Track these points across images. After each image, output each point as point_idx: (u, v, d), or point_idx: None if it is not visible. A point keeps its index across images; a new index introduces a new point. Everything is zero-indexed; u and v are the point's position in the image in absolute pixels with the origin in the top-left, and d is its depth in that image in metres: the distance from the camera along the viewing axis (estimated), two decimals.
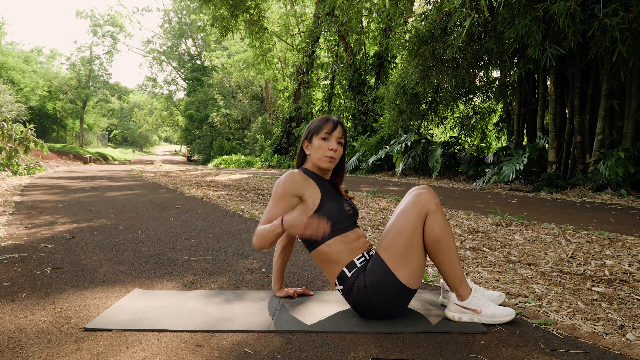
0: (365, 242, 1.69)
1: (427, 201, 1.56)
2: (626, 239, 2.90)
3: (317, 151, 1.69)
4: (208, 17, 16.32)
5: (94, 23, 34.86)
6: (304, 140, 1.73)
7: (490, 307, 1.56)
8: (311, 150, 1.71)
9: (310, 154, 1.71)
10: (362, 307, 1.57)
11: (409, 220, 1.54)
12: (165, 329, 1.48)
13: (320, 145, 1.68)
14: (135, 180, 8.23)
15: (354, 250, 1.63)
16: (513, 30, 5.60)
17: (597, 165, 5.94)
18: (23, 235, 3.05)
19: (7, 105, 20.32)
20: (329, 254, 1.61)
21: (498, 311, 1.55)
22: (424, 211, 1.55)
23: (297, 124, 15.76)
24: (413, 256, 1.54)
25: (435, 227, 1.54)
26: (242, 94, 29.88)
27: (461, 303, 1.57)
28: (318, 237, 1.51)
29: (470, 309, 1.56)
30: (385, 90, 10.22)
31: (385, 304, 1.54)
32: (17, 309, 1.66)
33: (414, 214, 1.54)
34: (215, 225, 3.53)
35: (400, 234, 1.54)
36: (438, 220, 1.54)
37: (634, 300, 1.79)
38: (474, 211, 4.32)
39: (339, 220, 1.62)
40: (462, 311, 1.56)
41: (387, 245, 1.55)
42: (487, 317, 1.54)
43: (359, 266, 1.60)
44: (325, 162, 1.69)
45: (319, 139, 1.68)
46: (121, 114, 46.43)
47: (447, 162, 9.09)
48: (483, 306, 1.56)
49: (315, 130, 1.70)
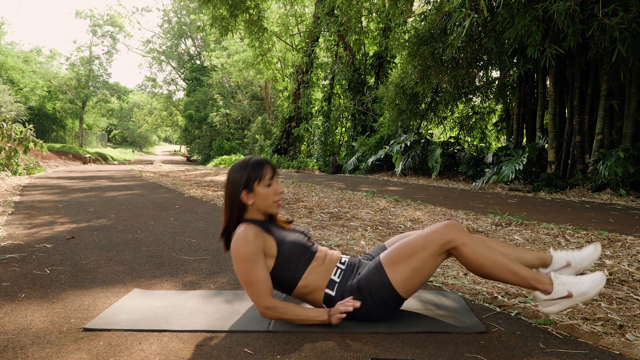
0: (332, 254, 1.68)
1: (452, 232, 1.50)
2: (626, 239, 2.90)
3: (265, 199, 1.62)
4: (207, 17, 16.30)
5: (94, 23, 34.80)
6: (243, 190, 1.59)
7: (578, 286, 1.47)
8: (255, 199, 1.61)
9: (254, 202, 1.62)
10: (362, 312, 1.56)
11: (426, 244, 1.51)
12: (165, 329, 1.48)
13: (267, 192, 1.61)
14: (135, 180, 8.23)
15: (329, 269, 1.62)
16: (512, 30, 5.60)
17: (596, 165, 5.94)
18: (22, 235, 3.05)
19: (7, 105, 20.29)
20: (308, 286, 1.59)
21: (587, 286, 1.46)
22: (445, 240, 1.50)
23: (297, 124, 15.76)
24: (415, 279, 1.53)
25: (470, 258, 1.50)
26: (241, 94, 29.86)
27: (548, 297, 1.50)
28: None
29: (559, 298, 1.48)
30: (385, 90, 10.22)
31: (381, 308, 1.55)
32: (16, 309, 1.66)
33: (434, 239, 1.50)
34: (215, 225, 3.53)
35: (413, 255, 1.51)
36: (470, 251, 1.49)
37: (633, 300, 1.79)
38: (473, 211, 4.32)
39: (302, 252, 1.61)
40: (553, 304, 1.50)
41: (396, 259, 1.53)
42: (580, 297, 1.46)
43: (339, 280, 1.59)
44: (275, 207, 1.65)
45: (263, 186, 1.61)
46: (121, 114, 46.38)
47: (446, 162, 9.09)
48: (571, 289, 1.47)
49: (255, 178, 1.59)
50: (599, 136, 6.20)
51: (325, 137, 14.55)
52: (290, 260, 1.58)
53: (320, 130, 14.63)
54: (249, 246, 1.51)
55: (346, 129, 14.96)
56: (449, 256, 1.55)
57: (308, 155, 16.15)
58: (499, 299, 1.81)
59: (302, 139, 16.12)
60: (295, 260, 1.59)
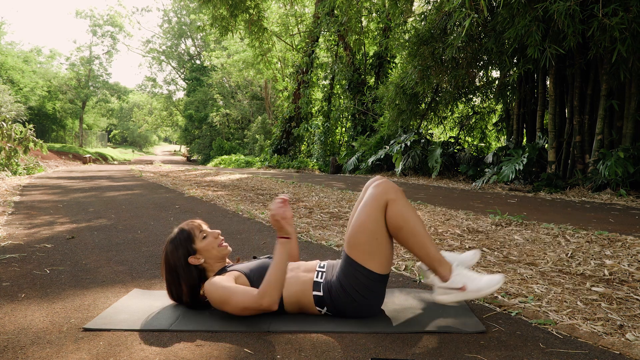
0: (309, 263, 1.69)
1: (384, 191, 1.55)
2: (626, 238, 2.90)
3: (211, 250, 1.67)
4: (207, 17, 16.31)
5: (94, 23, 34.81)
6: (190, 258, 1.64)
7: (474, 281, 1.53)
8: (203, 254, 1.67)
9: (205, 260, 1.67)
10: (356, 310, 1.57)
11: (369, 214, 1.54)
12: (165, 329, 1.48)
13: (207, 242, 1.67)
14: (135, 180, 8.23)
15: (309, 276, 1.62)
16: (512, 30, 5.60)
17: (596, 165, 5.94)
18: (22, 235, 3.05)
19: (7, 105, 20.29)
20: (293, 297, 1.60)
21: (484, 282, 1.52)
22: (383, 202, 1.54)
23: (297, 124, 15.76)
24: (380, 247, 1.54)
25: (394, 216, 1.53)
26: (241, 94, 29.87)
27: (444, 284, 1.55)
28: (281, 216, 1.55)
29: (454, 288, 1.54)
30: (385, 90, 10.22)
31: (371, 298, 1.56)
32: (16, 309, 1.66)
33: (374, 207, 1.54)
34: (214, 225, 3.53)
35: (363, 230, 1.54)
36: (398, 209, 1.53)
37: (633, 300, 1.79)
38: (473, 211, 4.32)
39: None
40: (447, 292, 1.55)
41: (353, 242, 1.55)
42: (473, 292, 1.53)
43: (323, 280, 1.60)
44: (224, 249, 1.70)
45: (200, 241, 1.67)
46: (121, 114, 46.38)
47: (446, 162, 9.09)
48: (467, 282, 1.53)
49: (190, 242, 1.66)
50: (599, 136, 6.20)
51: (325, 137, 14.55)
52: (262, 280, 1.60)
53: (320, 130, 14.63)
54: (222, 284, 1.55)
55: (346, 129, 14.96)
56: None
57: (308, 155, 16.15)
58: (499, 299, 1.81)
59: (302, 139, 16.12)
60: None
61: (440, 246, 2.80)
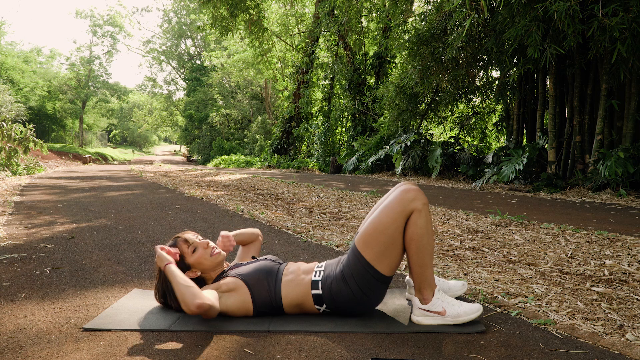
0: (308, 265, 1.70)
1: (413, 199, 1.53)
2: (626, 239, 2.90)
3: (203, 262, 1.68)
4: (208, 17, 16.31)
5: (94, 23, 34.80)
6: (186, 273, 1.67)
7: (454, 307, 1.54)
8: (198, 268, 1.69)
9: (201, 271, 1.69)
10: (353, 305, 1.57)
11: (394, 219, 1.53)
12: (164, 329, 1.48)
13: (198, 256, 1.68)
14: (135, 180, 8.23)
15: (307, 276, 1.63)
16: (513, 30, 5.60)
17: (596, 165, 5.94)
18: (22, 235, 3.05)
19: (7, 105, 20.29)
20: (292, 298, 1.60)
21: (462, 310, 1.53)
22: (409, 209, 1.53)
23: (297, 124, 15.76)
24: (394, 252, 1.55)
25: (417, 228, 1.53)
26: (241, 94, 29.87)
27: (424, 307, 1.56)
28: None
29: (434, 311, 1.54)
30: (385, 90, 10.22)
31: (371, 296, 1.57)
32: (16, 309, 1.66)
33: (398, 211, 1.53)
34: (215, 226, 3.53)
35: (383, 232, 1.53)
36: (422, 222, 1.53)
37: (633, 300, 1.79)
38: (473, 211, 4.32)
39: (268, 272, 1.64)
40: (425, 315, 1.55)
41: (369, 240, 1.55)
42: (451, 317, 1.53)
43: (321, 278, 1.60)
44: (217, 257, 1.70)
45: (190, 255, 1.68)
46: (121, 114, 46.40)
47: (446, 162, 9.09)
48: (447, 307, 1.54)
49: (181, 260, 1.68)
50: (599, 136, 6.20)
51: (325, 137, 14.55)
52: (260, 284, 1.61)
53: (320, 130, 14.63)
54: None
55: (346, 129, 14.96)
56: None
57: (308, 155, 16.15)
58: (499, 299, 1.81)
59: (302, 139, 16.12)
60: (265, 281, 1.61)
61: (440, 246, 2.80)
